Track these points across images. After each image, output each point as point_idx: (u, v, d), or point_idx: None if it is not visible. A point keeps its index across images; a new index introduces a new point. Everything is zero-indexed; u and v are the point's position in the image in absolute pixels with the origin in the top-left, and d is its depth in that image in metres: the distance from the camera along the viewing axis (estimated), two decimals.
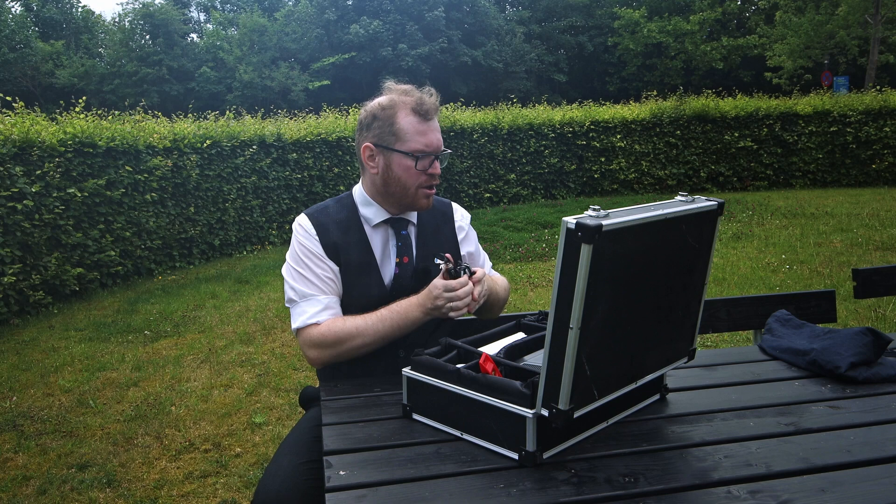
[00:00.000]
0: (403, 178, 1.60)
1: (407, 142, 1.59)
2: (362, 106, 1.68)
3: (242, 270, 7.02)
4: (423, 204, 1.65)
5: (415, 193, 1.62)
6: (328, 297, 1.62)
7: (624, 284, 1.11)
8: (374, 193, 1.68)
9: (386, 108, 1.60)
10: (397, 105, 1.59)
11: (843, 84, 21.61)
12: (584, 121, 11.40)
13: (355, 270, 1.65)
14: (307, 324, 1.59)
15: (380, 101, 1.63)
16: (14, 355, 4.55)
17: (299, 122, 9.51)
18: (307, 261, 1.64)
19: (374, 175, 1.64)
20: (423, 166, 1.60)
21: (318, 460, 1.48)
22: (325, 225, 1.66)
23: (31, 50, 31.33)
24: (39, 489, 2.76)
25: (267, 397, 3.64)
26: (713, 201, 1.24)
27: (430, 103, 1.60)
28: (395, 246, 1.68)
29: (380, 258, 1.67)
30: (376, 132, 1.61)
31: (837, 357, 1.47)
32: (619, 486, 1.05)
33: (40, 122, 6.00)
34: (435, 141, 1.61)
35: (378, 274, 1.66)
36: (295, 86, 30.40)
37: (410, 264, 1.68)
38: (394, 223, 1.69)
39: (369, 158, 1.63)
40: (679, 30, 31.94)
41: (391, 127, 1.59)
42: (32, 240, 5.41)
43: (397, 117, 1.59)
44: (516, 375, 1.26)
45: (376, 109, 1.61)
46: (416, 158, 1.59)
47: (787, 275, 5.70)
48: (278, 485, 1.44)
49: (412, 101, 1.59)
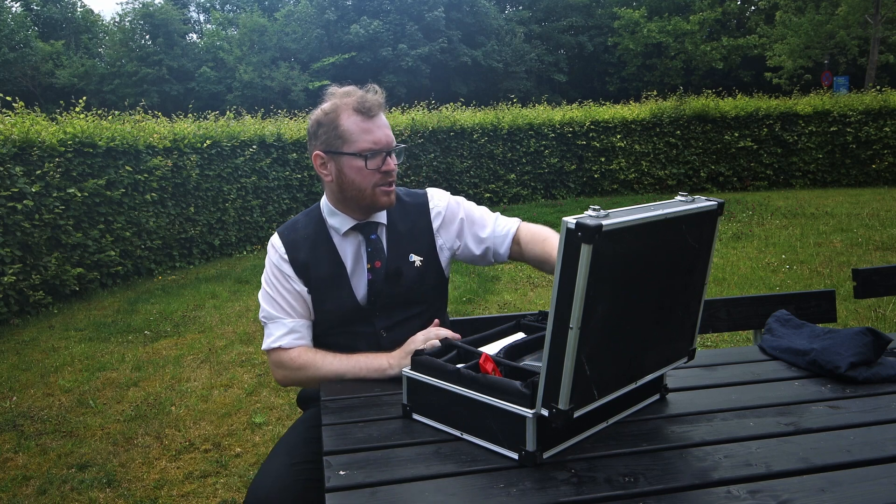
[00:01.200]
0: (357, 181, 1.57)
1: (354, 142, 1.55)
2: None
3: (242, 270, 7.02)
4: (385, 202, 1.60)
5: (372, 193, 1.58)
6: (294, 321, 1.62)
7: (624, 284, 1.11)
8: (335, 202, 1.64)
9: (329, 113, 1.57)
10: (339, 108, 1.56)
11: (843, 84, 21.62)
12: (584, 121, 11.40)
13: (327, 284, 1.63)
14: (271, 347, 1.61)
15: (322, 108, 1.60)
16: (14, 355, 4.55)
17: (299, 122, 9.51)
18: (276, 282, 1.63)
19: (331, 183, 1.61)
20: (375, 165, 1.56)
21: (312, 461, 1.48)
22: (295, 242, 1.64)
23: (31, 50, 31.34)
24: (39, 489, 2.76)
25: (267, 397, 3.64)
26: (713, 201, 1.24)
27: (372, 100, 1.56)
28: (366, 252, 1.64)
29: (352, 268, 1.64)
30: (323, 139, 1.58)
31: (837, 357, 1.47)
32: (619, 486, 1.05)
33: (40, 122, 6.00)
34: (383, 137, 1.57)
35: (349, 285, 1.63)
36: (295, 86, 30.41)
37: (383, 268, 1.63)
38: (362, 228, 1.65)
39: (321, 167, 1.60)
40: (679, 30, 31.94)
41: (336, 130, 1.56)
42: (32, 240, 5.41)
43: (340, 119, 1.55)
44: (516, 375, 1.26)
45: (320, 116, 1.59)
46: (364, 158, 1.55)
47: (787, 275, 5.70)
48: (269, 485, 1.44)
49: (353, 101, 1.56)
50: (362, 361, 1.53)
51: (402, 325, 1.64)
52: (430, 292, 1.71)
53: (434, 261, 1.69)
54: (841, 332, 1.57)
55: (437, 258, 1.70)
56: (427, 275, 1.68)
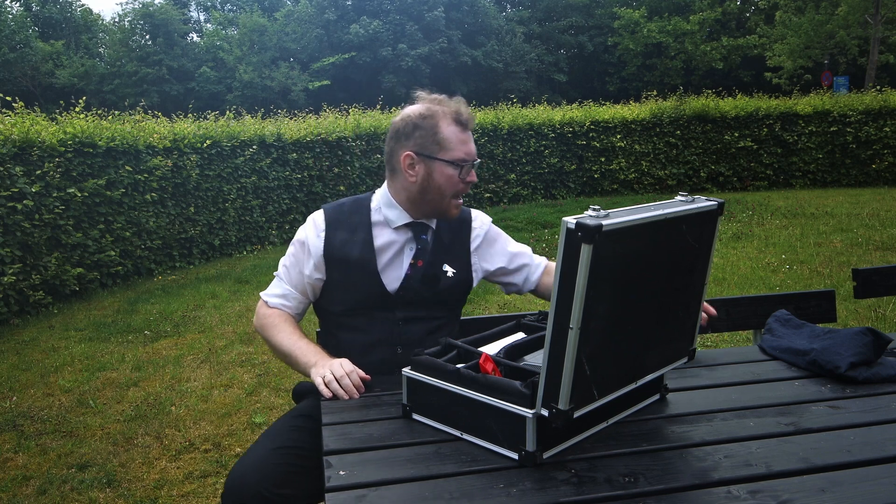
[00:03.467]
0: (444, 187, 1.65)
1: (450, 150, 1.63)
2: (398, 114, 1.72)
3: (242, 270, 7.02)
4: (454, 213, 1.71)
5: (449, 202, 1.67)
6: (290, 291, 1.76)
7: (624, 284, 1.11)
8: (403, 199, 1.71)
9: (427, 118, 1.63)
10: (437, 115, 1.63)
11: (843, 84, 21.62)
12: (584, 121, 11.40)
13: (356, 268, 1.68)
14: (262, 296, 1.81)
15: (419, 111, 1.65)
16: (14, 355, 4.55)
17: (299, 122, 9.50)
18: (297, 255, 1.74)
19: (412, 183, 1.66)
20: (464, 175, 1.65)
21: (295, 447, 1.52)
22: (338, 222, 1.72)
23: (31, 50, 31.31)
24: (39, 489, 2.76)
25: (267, 397, 3.64)
26: (713, 201, 1.24)
27: (468, 114, 1.66)
28: (413, 249, 1.71)
29: (389, 258, 1.70)
30: (418, 141, 1.63)
31: (837, 357, 1.47)
32: (619, 486, 1.05)
33: (40, 122, 6.00)
34: (473, 150, 1.66)
35: (377, 272, 1.68)
36: (295, 86, 30.39)
37: (423, 268, 1.70)
38: (415, 227, 1.72)
39: (409, 167, 1.65)
40: (679, 30, 31.93)
41: (435, 136, 1.62)
42: (32, 240, 5.41)
43: (440, 126, 1.62)
44: (516, 375, 1.26)
45: (416, 118, 1.64)
46: (459, 167, 1.63)
47: (787, 275, 5.70)
48: (248, 464, 1.48)
49: (451, 111, 1.64)
50: (301, 351, 1.64)
51: (419, 321, 1.70)
52: (454, 302, 1.79)
53: (465, 275, 1.78)
54: (841, 332, 1.57)
55: (469, 274, 1.79)
56: (456, 286, 1.76)
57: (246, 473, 1.45)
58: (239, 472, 1.47)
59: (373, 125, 9.59)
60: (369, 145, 9.47)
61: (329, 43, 32.56)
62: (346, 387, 1.48)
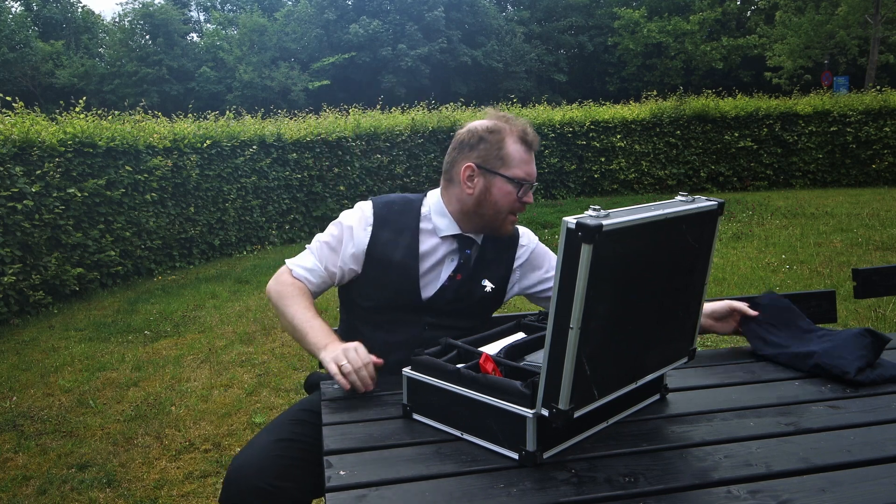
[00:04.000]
0: (501, 203, 1.64)
1: (512, 168, 1.63)
2: (463, 125, 1.73)
3: (242, 270, 7.02)
4: (508, 230, 1.71)
5: (504, 219, 1.67)
6: (319, 267, 1.72)
7: (624, 284, 1.11)
8: (455, 210, 1.70)
9: (493, 133, 1.64)
10: (504, 131, 1.64)
11: (843, 84, 21.62)
12: (584, 121, 11.39)
13: (395, 269, 1.68)
14: (289, 263, 1.75)
15: (486, 125, 1.66)
16: (14, 355, 4.55)
17: (299, 122, 9.50)
18: (343, 238, 1.71)
19: (468, 195, 1.66)
20: (522, 194, 1.65)
21: (297, 440, 1.52)
22: (386, 220, 1.70)
23: (31, 50, 31.32)
24: (39, 489, 2.76)
25: (267, 397, 3.64)
26: (713, 201, 1.24)
27: (534, 135, 1.67)
28: (455, 261, 1.71)
29: (429, 267, 1.70)
30: (482, 154, 1.64)
31: (843, 361, 1.46)
32: (619, 486, 1.05)
33: (40, 122, 6.00)
34: (534, 172, 1.67)
35: (416, 277, 1.68)
36: (295, 86, 30.39)
37: (459, 282, 1.70)
38: (461, 240, 1.71)
39: (468, 178, 1.65)
40: (679, 30, 31.94)
41: (499, 151, 1.63)
42: (32, 240, 5.41)
43: (506, 143, 1.63)
44: (516, 375, 1.26)
45: (483, 132, 1.65)
46: (519, 185, 1.63)
47: (787, 275, 5.70)
48: (248, 454, 1.47)
49: (518, 129, 1.65)
50: (314, 330, 1.58)
51: (444, 329, 1.68)
52: (482, 314, 1.78)
53: (501, 291, 1.77)
54: (839, 333, 1.57)
55: (504, 290, 1.78)
56: (489, 301, 1.76)
57: (245, 465, 1.45)
58: (238, 463, 1.46)
59: (373, 125, 9.58)
60: (369, 145, 9.47)
61: (329, 43, 32.56)
62: (362, 378, 1.44)
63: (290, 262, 1.75)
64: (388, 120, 10.16)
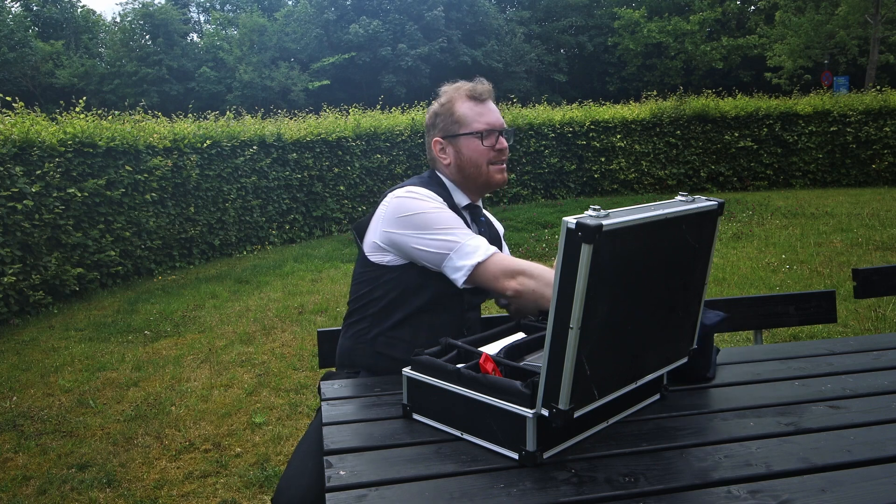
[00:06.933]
0: (474, 158, 1.69)
1: (469, 124, 1.69)
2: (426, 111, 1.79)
3: (242, 270, 7.02)
4: (499, 179, 1.72)
5: (487, 171, 1.70)
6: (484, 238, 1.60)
7: (624, 284, 1.11)
8: (451, 184, 1.74)
9: (444, 104, 1.73)
10: (453, 97, 1.72)
11: (843, 84, 21.63)
12: (584, 121, 11.39)
13: None
14: (490, 253, 1.54)
15: (438, 100, 1.75)
16: (14, 355, 4.55)
17: (299, 122, 9.51)
18: (451, 217, 1.60)
19: (449, 165, 1.72)
20: (490, 143, 1.69)
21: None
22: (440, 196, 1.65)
23: (31, 50, 31.31)
24: (39, 489, 2.76)
25: (267, 397, 3.64)
26: (713, 201, 1.24)
27: (482, 88, 1.71)
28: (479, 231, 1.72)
29: None
30: (440, 126, 1.72)
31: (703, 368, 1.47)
32: (619, 486, 1.05)
33: (40, 122, 6.00)
34: (494, 119, 1.70)
35: None
36: (295, 86, 30.40)
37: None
38: (472, 209, 1.76)
39: (440, 151, 1.72)
40: (679, 30, 31.93)
41: (452, 116, 1.70)
42: (32, 240, 5.41)
43: (455, 106, 1.70)
44: (516, 375, 1.26)
45: (436, 108, 1.74)
46: (480, 136, 1.68)
47: (787, 275, 5.70)
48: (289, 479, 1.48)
49: (466, 89, 1.71)
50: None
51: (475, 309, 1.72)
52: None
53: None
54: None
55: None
56: None
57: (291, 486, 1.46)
58: (284, 484, 1.48)
59: (373, 125, 9.59)
60: (369, 145, 9.47)
61: (329, 43, 32.56)
62: None
63: (485, 254, 1.53)
64: (388, 120, 10.16)
